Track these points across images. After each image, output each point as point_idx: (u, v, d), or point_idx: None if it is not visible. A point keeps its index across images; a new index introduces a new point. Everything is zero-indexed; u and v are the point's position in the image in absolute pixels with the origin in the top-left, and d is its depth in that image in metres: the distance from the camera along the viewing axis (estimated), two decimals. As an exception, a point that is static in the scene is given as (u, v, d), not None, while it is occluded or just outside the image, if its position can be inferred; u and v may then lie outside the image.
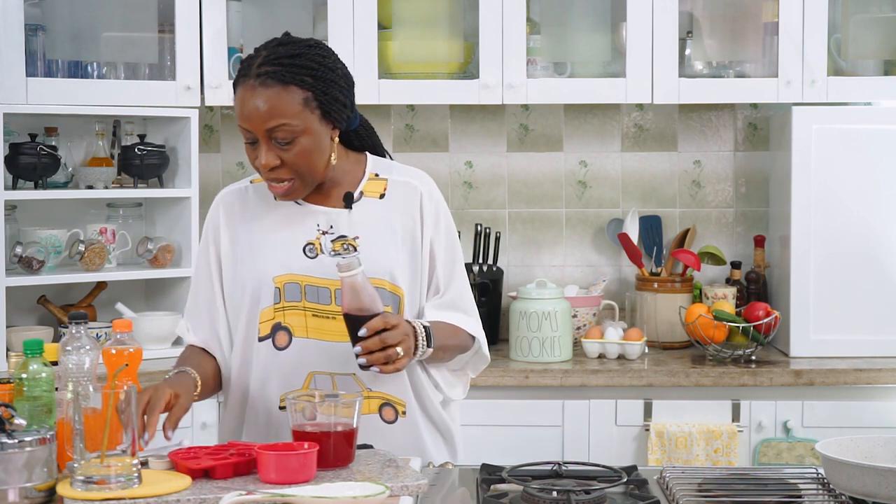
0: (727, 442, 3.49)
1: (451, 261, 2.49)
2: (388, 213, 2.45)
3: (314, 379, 2.37)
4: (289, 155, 2.31)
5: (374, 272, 2.36)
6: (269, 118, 2.29)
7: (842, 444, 2.16)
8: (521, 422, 3.56)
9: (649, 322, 3.88)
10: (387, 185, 2.48)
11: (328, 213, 2.43)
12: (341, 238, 2.42)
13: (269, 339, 2.39)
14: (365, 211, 2.44)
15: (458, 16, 3.86)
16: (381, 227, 2.43)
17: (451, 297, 2.47)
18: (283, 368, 2.39)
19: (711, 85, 3.80)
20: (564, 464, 2.26)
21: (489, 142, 4.13)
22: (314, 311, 2.37)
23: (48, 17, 3.70)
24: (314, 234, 2.42)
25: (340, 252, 2.40)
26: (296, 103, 2.30)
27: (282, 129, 2.29)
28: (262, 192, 2.47)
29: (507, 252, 4.13)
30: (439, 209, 2.49)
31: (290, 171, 2.33)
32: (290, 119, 2.29)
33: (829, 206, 3.68)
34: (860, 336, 3.68)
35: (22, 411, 2.09)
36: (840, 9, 3.80)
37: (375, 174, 2.49)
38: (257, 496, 1.93)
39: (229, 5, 3.76)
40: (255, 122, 2.29)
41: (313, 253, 2.40)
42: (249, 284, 2.40)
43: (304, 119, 2.30)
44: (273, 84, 2.29)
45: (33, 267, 3.57)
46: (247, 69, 2.32)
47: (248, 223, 2.45)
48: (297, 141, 2.31)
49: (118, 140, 3.88)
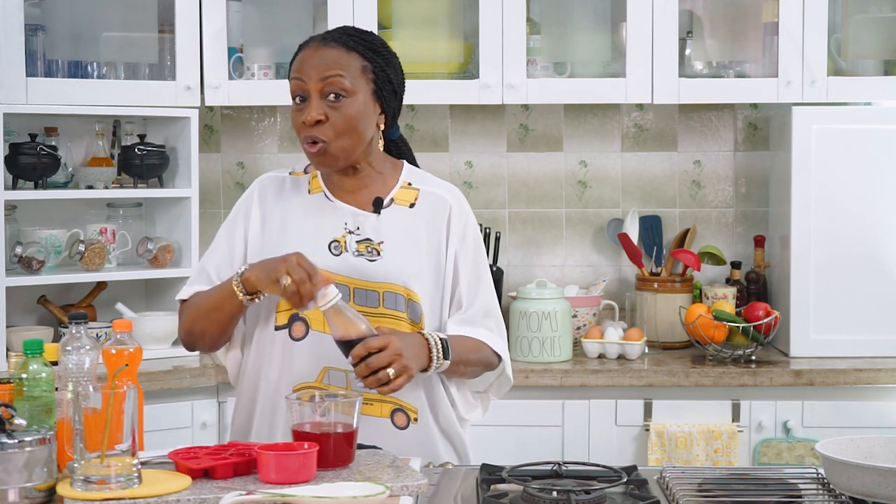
0: (727, 442, 3.49)
1: (477, 276, 2.50)
2: (416, 223, 2.47)
3: (328, 374, 2.38)
4: (335, 113, 2.37)
5: (395, 279, 2.40)
6: (327, 68, 2.36)
7: (842, 444, 2.16)
8: (521, 422, 3.56)
9: (649, 322, 3.88)
10: (418, 196, 2.50)
11: (357, 213, 2.46)
12: (366, 241, 2.44)
13: (286, 329, 2.41)
14: (393, 217, 2.47)
15: (458, 16, 3.86)
16: (407, 235, 2.45)
17: (473, 313, 2.47)
18: (298, 360, 2.40)
19: (711, 85, 3.80)
20: (564, 464, 2.26)
21: (489, 142, 4.13)
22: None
23: (48, 17, 3.69)
24: (341, 231, 2.45)
25: (364, 254, 2.41)
26: (354, 66, 2.39)
27: (336, 80, 2.36)
28: (298, 183, 2.51)
29: (507, 252, 4.13)
30: (468, 224, 2.51)
31: (333, 130, 2.37)
32: (345, 73, 2.37)
33: (829, 206, 3.68)
34: (860, 336, 3.68)
35: (22, 411, 2.09)
36: (840, 9, 3.81)
37: (409, 183, 2.52)
38: (257, 496, 1.93)
39: (229, 5, 3.76)
40: (311, 71, 2.37)
41: (338, 251, 2.43)
42: None
43: (357, 82, 2.39)
44: (337, 46, 2.40)
45: (33, 267, 3.57)
46: (309, 40, 2.43)
47: (280, 209, 2.48)
48: (347, 101, 2.38)
49: (118, 140, 3.89)
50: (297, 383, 2.40)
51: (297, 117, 2.40)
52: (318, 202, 2.48)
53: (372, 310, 2.39)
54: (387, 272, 2.40)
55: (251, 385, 2.47)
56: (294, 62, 2.42)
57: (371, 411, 2.38)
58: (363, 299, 2.40)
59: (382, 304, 2.40)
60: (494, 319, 2.51)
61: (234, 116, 4.14)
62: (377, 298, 2.40)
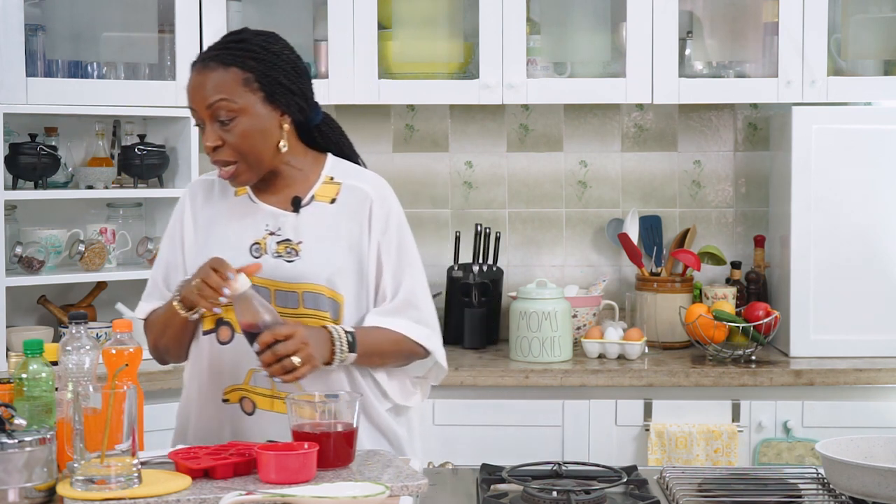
0: (727, 442, 3.49)
1: (400, 267, 2.48)
2: (337, 219, 2.47)
3: (254, 376, 2.40)
4: (230, 136, 2.37)
5: (314, 278, 2.40)
6: (210, 94, 2.36)
7: (842, 444, 2.16)
8: (521, 422, 3.56)
9: (649, 322, 3.88)
10: (339, 190, 2.49)
11: (278, 214, 2.46)
12: (286, 242, 2.44)
13: (213, 333, 2.43)
14: (313, 215, 2.47)
15: (458, 16, 3.86)
16: (328, 232, 2.45)
17: (396, 304, 2.46)
18: (226, 363, 2.42)
19: (711, 85, 3.80)
20: (564, 464, 2.26)
21: (489, 142, 4.13)
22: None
23: (48, 17, 3.69)
24: (262, 233, 2.45)
25: (283, 255, 2.42)
26: (236, 82, 2.37)
27: (221, 104, 2.35)
28: (225, 187, 2.52)
29: (507, 252, 4.13)
30: (390, 215, 2.49)
31: (233, 152, 2.38)
32: (228, 95, 2.36)
33: (829, 206, 3.68)
34: (860, 336, 3.68)
35: (22, 411, 2.09)
36: (840, 9, 3.80)
37: (331, 177, 2.51)
38: (257, 496, 1.93)
39: (229, 5, 3.76)
40: (197, 100, 2.37)
41: (258, 253, 2.44)
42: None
43: (244, 98, 2.37)
44: (215, 66, 2.37)
45: (33, 267, 3.57)
46: (195, 62, 2.42)
47: (207, 213, 2.50)
48: (238, 120, 2.37)
49: (118, 140, 3.88)
50: (226, 386, 2.42)
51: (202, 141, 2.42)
52: (242, 204, 2.49)
53: (293, 311, 2.40)
54: (305, 272, 2.40)
55: (188, 390, 2.51)
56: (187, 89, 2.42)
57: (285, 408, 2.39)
58: (283, 301, 2.40)
59: (303, 305, 2.40)
60: (417, 309, 2.47)
61: None
62: (297, 299, 2.40)
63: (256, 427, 2.40)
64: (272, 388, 2.38)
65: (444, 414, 3.55)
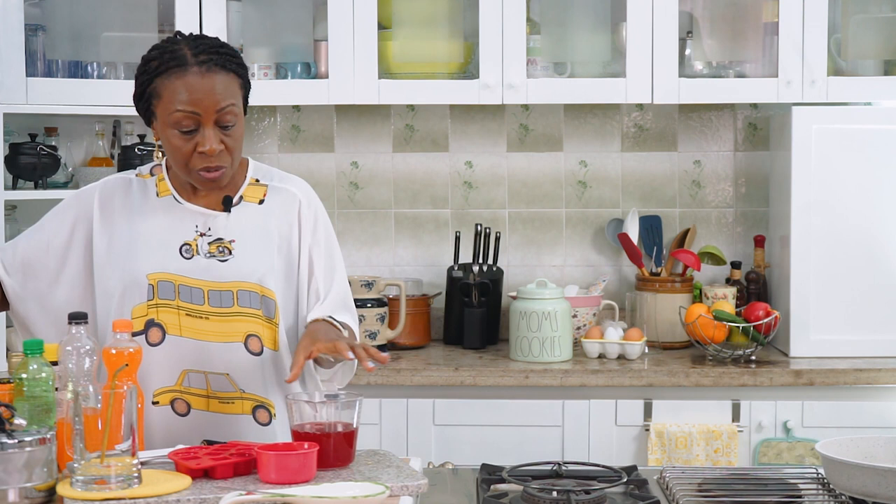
0: (727, 442, 3.49)
1: (332, 268, 2.52)
2: (266, 219, 2.48)
3: (187, 376, 2.40)
4: (230, 139, 2.38)
5: (247, 277, 2.42)
6: (223, 99, 2.34)
7: (842, 444, 2.16)
8: (521, 422, 3.56)
9: (649, 322, 3.88)
10: (266, 192, 2.51)
11: (207, 214, 2.46)
12: (218, 241, 2.45)
13: (143, 335, 2.41)
14: (243, 215, 2.47)
15: (458, 16, 3.86)
16: (258, 232, 2.47)
17: (332, 304, 2.49)
18: (157, 364, 2.40)
19: (711, 85, 3.80)
20: (564, 464, 2.26)
21: (489, 142, 4.13)
22: (188, 310, 2.40)
23: (48, 17, 3.70)
24: (192, 234, 2.45)
25: (215, 255, 2.42)
26: (237, 88, 2.40)
27: (231, 109, 2.36)
28: (145, 186, 2.50)
29: (507, 252, 4.13)
30: (318, 217, 2.52)
31: (229, 156, 2.39)
32: (235, 101, 2.37)
33: (829, 206, 3.68)
34: (860, 336, 3.68)
35: (22, 411, 2.09)
36: (840, 9, 3.80)
37: (256, 179, 2.52)
38: (257, 496, 1.93)
39: (229, 5, 3.76)
40: (206, 104, 2.33)
41: (189, 254, 2.44)
42: (125, 279, 2.42)
43: (240, 104, 2.40)
44: (218, 70, 2.36)
45: (33, 267, 3.57)
46: (181, 59, 2.35)
47: (126, 217, 2.47)
48: (238, 125, 2.39)
49: (118, 140, 3.89)
50: (157, 388, 2.41)
51: (183, 145, 2.36)
52: (166, 205, 2.48)
53: (227, 310, 2.41)
54: (238, 271, 2.41)
55: None
56: (171, 89, 2.35)
57: (232, 409, 2.42)
58: (217, 300, 2.41)
59: (237, 303, 2.41)
60: (351, 311, 2.53)
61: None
62: (231, 298, 2.41)
63: (191, 428, 2.40)
64: (207, 389, 2.40)
65: (444, 414, 3.55)
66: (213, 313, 2.40)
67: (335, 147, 4.12)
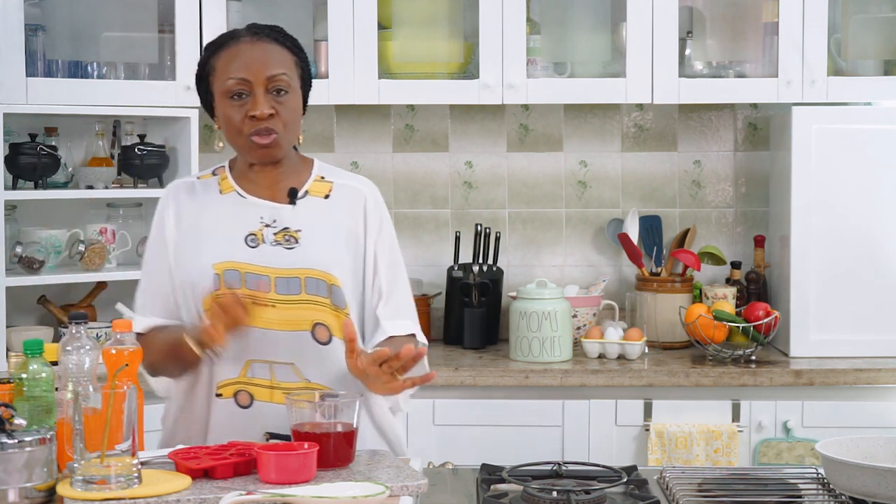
0: (727, 442, 3.49)
1: (394, 265, 2.53)
2: (332, 213, 2.49)
3: (251, 367, 2.39)
4: (282, 107, 2.41)
5: (315, 264, 2.41)
6: (273, 66, 2.41)
7: (842, 444, 2.16)
8: (521, 422, 3.56)
9: (649, 322, 3.88)
10: (332, 188, 2.52)
11: (272, 207, 2.47)
12: (284, 230, 2.45)
13: None
14: (309, 208, 2.48)
15: (458, 16, 3.86)
16: (324, 224, 2.47)
17: (396, 304, 2.49)
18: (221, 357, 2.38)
19: (711, 85, 3.80)
20: (564, 464, 2.26)
21: (489, 142, 4.13)
22: (254, 298, 2.37)
23: (48, 17, 3.70)
24: (257, 225, 2.46)
25: (282, 243, 2.42)
26: (289, 60, 2.45)
27: (281, 77, 2.41)
28: (207, 186, 2.52)
29: (507, 252, 4.13)
30: (383, 215, 2.54)
31: (281, 122, 2.41)
32: (287, 70, 2.42)
33: (829, 206, 3.68)
34: (860, 336, 3.68)
35: (22, 411, 2.09)
36: (840, 9, 3.80)
37: (321, 177, 2.54)
38: (257, 496, 1.93)
39: (229, 5, 3.76)
40: (255, 69, 2.40)
41: (255, 243, 2.44)
42: (193, 273, 2.42)
43: (293, 77, 2.44)
44: (270, 41, 2.45)
45: (33, 267, 3.57)
46: (235, 35, 2.46)
47: (193, 214, 2.49)
48: (288, 97, 2.42)
49: (118, 140, 3.89)
50: (221, 380, 2.40)
51: (236, 113, 2.40)
52: (231, 201, 2.49)
53: (294, 297, 2.40)
54: (306, 258, 2.41)
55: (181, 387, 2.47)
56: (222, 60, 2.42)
57: None
58: (285, 287, 2.40)
59: (304, 290, 2.41)
60: (412, 308, 2.54)
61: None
62: (299, 285, 2.41)
63: (253, 420, 2.39)
64: (271, 379, 2.38)
65: (444, 414, 3.55)
66: (279, 301, 2.38)
67: (335, 147, 4.12)
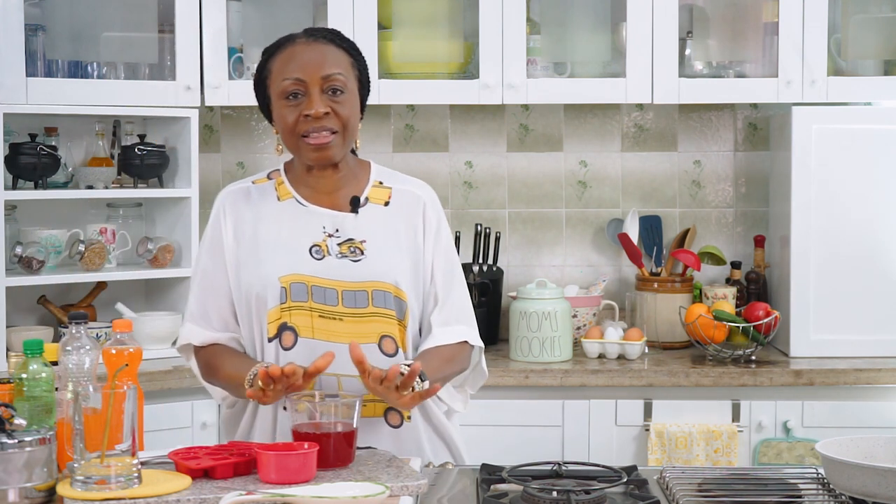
0: (727, 442, 3.49)
1: (451, 270, 2.51)
2: (393, 221, 2.47)
3: (319, 380, 2.35)
4: (338, 106, 2.39)
5: (382, 276, 2.39)
6: (328, 66, 2.39)
7: (842, 444, 2.16)
8: (521, 422, 3.56)
9: (649, 322, 3.88)
10: (391, 194, 2.50)
11: (334, 216, 2.45)
12: (348, 241, 2.43)
13: (277, 340, 2.38)
14: (371, 217, 2.46)
15: (458, 16, 3.86)
16: (387, 233, 2.45)
17: (451, 310, 2.48)
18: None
19: (711, 85, 3.80)
20: (564, 464, 2.26)
21: (489, 142, 4.13)
22: (320, 311, 2.36)
23: (48, 17, 3.69)
24: (320, 236, 2.43)
25: (347, 255, 2.40)
26: (345, 62, 2.42)
27: (337, 77, 2.39)
28: (264, 192, 2.49)
29: (507, 252, 4.13)
30: (440, 220, 2.52)
31: (337, 122, 2.39)
32: (343, 70, 2.40)
33: (829, 206, 3.68)
34: (860, 336, 3.68)
35: (22, 411, 2.09)
36: (840, 9, 3.80)
37: (380, 182, 2.52)
38: (257, 496, 1.93)
39: (229, 5, 3.76)
40: (311, 69, 2.38)
41: (320, 255, 2.41)
42: (256, 285, 2.40)
43: (350, 79, 2.41)
44: (325, 43, 2.42)
45: (33, 267, 3.57)
46: (291, 37, 2.43)
47: (252, 223, 2.45)
48: (344, 97, 2.39)
49: (118, 140, 3.89)
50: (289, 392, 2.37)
51: (291, 113, 2.39)
52: (290, 208, 2.46)
53: (361, 310, 2.38)
54: (372, 271, 2.40)
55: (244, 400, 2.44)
56: (279, 62, 2.40)
57: (366, 412, 2.37)
58: (352, 301, 2.38)
59: (372, 304, 2.39)
60: (469, 312, 2.52)
61: (234, 116, 4.14)
62: (366, 298, 2.39)
63: None
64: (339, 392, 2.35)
65: (444, 414, 3.55)
66: (347, 314, 2.37)
67: (335, 147, 4.11)
